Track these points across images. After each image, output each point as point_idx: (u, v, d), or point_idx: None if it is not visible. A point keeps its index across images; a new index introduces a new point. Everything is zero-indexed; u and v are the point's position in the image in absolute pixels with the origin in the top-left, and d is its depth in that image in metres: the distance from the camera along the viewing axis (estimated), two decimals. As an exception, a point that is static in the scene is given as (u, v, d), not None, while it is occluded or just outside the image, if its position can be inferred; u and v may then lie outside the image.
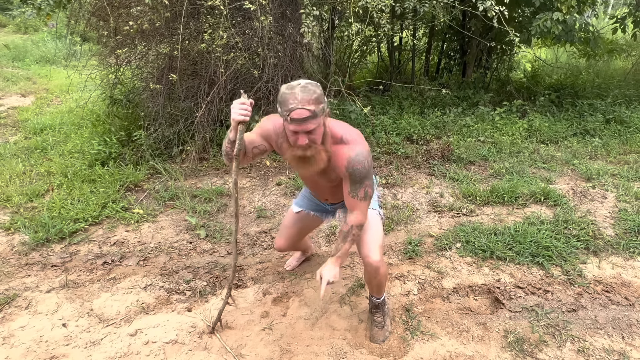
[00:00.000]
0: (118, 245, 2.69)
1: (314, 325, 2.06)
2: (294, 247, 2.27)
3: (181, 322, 2.05)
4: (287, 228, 2.13)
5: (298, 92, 1.45)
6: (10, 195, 3.10)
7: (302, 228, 2.13)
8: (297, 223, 2.10)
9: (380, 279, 1.87)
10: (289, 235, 2.13)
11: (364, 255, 1.81)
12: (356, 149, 1.62)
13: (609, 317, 2.16)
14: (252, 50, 3.60)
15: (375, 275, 1.84)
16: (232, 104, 1.56)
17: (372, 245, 1.79)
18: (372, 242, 1.80)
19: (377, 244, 1.81)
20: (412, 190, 3.45)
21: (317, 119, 1.49)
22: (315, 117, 1.48)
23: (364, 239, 1.81)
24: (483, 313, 2.18)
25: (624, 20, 5.33)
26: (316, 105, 1.47)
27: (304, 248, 2.46)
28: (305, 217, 2.08)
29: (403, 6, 4.31)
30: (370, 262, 1.79)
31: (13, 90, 6.41)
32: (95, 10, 3.70)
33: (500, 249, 2.64)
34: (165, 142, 3.79)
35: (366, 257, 1.79)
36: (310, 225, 2.15)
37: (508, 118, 4.82)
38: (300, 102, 1.44)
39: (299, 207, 2.08)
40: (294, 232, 2.12)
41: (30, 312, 2.08)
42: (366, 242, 1.80)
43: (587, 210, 3.15)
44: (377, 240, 1.81)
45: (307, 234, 2.23)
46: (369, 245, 1.79)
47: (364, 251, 1.80)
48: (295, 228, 2.11)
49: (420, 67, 6.42)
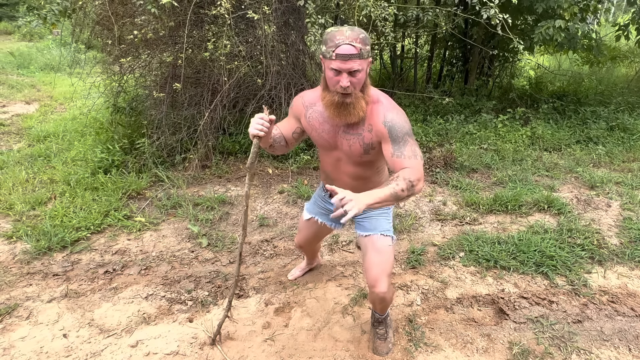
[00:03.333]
0: (120, 254, 2.68)
1: (317, 337, 2.04)
2: (312, 247, 2.26)
3: (182, 333, 2.03)
4: (302, 230, 2.11)
5: (346, 30, 1.40)
6: (13, 203, 3.10)
7: (315, 232, 2.08)
8: (310, 228, 2.06)
9: (386, 304, 1.83)
10: (306, 237, 2.12)
11: (370, 283, 1.73)
12: (393, 109, 1.53)
13: (615, 328, 2.13)
14: (255, 58, 3.61)
15: (380, 302, 1.80)
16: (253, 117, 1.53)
17: (381, 274, 1.70)
18: (381, 270, 1.71)
19: (386, 273, 1.72)
20: (415, 199, 3.44)
21: (363, 60, 1.41)
22: (361, 57, 1.40)
23: (372, 264, 1.73)
24: (487, 324, 2.15)
25: (627, 27, 5.33)
26: (363, 45, 1.40)
27: (314, 255, 2.43)
28: (314, 224, 2.03)
29: (406, 14, 4.33)
30: (376, 292, 1.72)
31: (17, 97, 6.46)
32: (100, 19, 3.73)
33: (504, 258, 2.62)
34: (168, 150, 3.80)
35: (372, 287, 1.72)
36: (322, 232, 2.10)
37: (511, 125, 4.81)
38: (347, 39, 1.38)
39: (309, 213, 2.02)
40: (309, 234, 2.09)
41: (31, 323, 2.07)
42: (374, 269, 1.71)
43: (592, 219, 3.13)
44: (386, 269, 1.72)
45: (323, 237, 2.19)
46: (377, 274, 1.70)
47: (370, 279, 1.72)
48: (309, 231, 2.08)
49: (422, 75, 6.43)
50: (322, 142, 1.67)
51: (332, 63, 1.41)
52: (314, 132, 1.67)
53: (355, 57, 1.39)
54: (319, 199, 2.00)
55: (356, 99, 1.47)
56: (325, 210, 1.97)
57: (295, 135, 1.73)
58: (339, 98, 1.47)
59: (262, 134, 1.50)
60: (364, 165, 1.68)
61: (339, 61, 1.40)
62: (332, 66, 1.42)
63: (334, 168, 1.74)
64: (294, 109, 1.71)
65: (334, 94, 1.48)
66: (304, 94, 1.71)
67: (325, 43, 1.43)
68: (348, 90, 1.44)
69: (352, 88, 1.44)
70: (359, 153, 1.61)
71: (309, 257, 2.43)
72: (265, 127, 1.50)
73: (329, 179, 1.81)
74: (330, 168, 1.76)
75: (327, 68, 1.45)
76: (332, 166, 1.74)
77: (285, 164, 3.91)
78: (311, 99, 1.66)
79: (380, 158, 1.65)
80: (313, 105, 1.64)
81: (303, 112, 1.67)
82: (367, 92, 1.51)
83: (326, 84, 1.51)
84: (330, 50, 1.40)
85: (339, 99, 1.47)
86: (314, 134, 1.67)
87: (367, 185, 1.68)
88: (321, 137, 1.66)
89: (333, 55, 1.40)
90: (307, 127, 1.69)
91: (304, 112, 1.67)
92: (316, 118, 1.63)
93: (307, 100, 1.67)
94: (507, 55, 5.87)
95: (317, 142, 1.70)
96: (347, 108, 1.48)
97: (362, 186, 1.66)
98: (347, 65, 1.40)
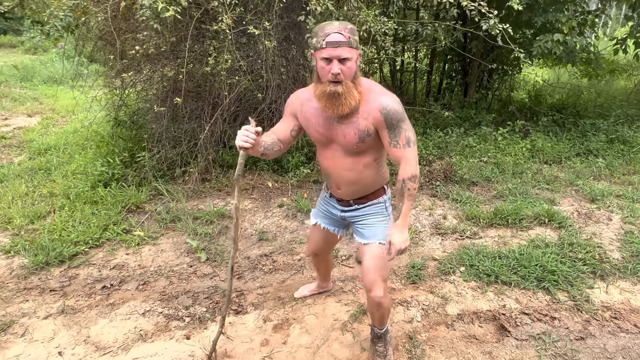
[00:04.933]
0: (118, 268, 2.66)
1: (315, 354, 2.01)
2: (324, 256, 2.20)
3: (179, 351, 2.00)
4: (311, 236, 2.09)
5: (334, 22, 1.50)
6: (12, 217, 3.10)
7: (322, 239, 2.04)
8: (316, 234, 2.04)
9: (383, 312, 1.82)
10: (314, 244, 2.08)
11: (366, 287, 1.76)
12: (386, 94, 1.60)
13: (619, 345, 2.10)
14: (256, 72, 3.64)
15: (377, 309, 1.80)
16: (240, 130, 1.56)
17: (376, 279, 1.72)
18: (377, 275, 1.73)
19: (382, 277, 1.74)
20: (415, 212, 3.43)
21: (352, 49, 1.48)
22: (350, 45, 1.47)
23: (369, 269, 1.74)
24: (488, 341, 2.12)
25: (625, 41, 5.38)
26: (352, 35, 1.48)
27: (327, 274, 2.37)
28: (319, 230, 2.00)
29: (406, 29, 4.37)
30: (371, 297, 1.75)
31: (20, 110, 6.50)
32: (103, 35, 3.78)
33: (505, 273, 2.59)
34: (168, 163, 3.80)
35: (368, 291, 1.75)
36: (328, 238, 2.05)
37: (511, 138, 4.81)
38: (336, 28, 1.46)
39: (314, 218, 2.02)
40: (316, 241, 2.06)
41: (26, 340, 2.05)
42: (370, 274, 1.73)
43: (593, 233, 3.11)
44: (383, 274, 1.74)
45: (332, 244, 2.12)
46: (372, 279, 1.73)
47: (367, 283, 1.75)
48: (316, 238, 2.05)
49: (422, 88, 6.46)
50: (318, 137, 1.70)
51: (322, 52, 1.47)
52: (310, 127, 1.70)
53: (344, 45, 1.46)
54: (321, 201, 1.98)
55: (347, 88, 1.51)
56: (327, 212, 1.94)
57: (293, 133, 1.76)
58: (331, 87, 1.50)
59: (247, 146, 1.54)
60: (361, 155, 1.68)
61: (329, 49, 1.46)
62: (323, 55, 1.47)
63: (331, 164, 1.75)
64: (291, 106, 1.75)
65: (326, 84, 1.52)
66: (298, 92, 1.76)
67: (315, 35, 1.50)
68: (339, 78, 1.48)
69: (342, 76, 1.49)
70: (354, 142, 1.62)
71: (320, 274, 2.37)
72: (251, 138, 1.53)
73: (328, 176, 1.81)
74: (328, 164, 1.76)
75: (318, 60, 1.50)
76: (330, 162, 1.75)
77: (285, 177, 3.91)
78: (306, 96, 1.70)
79: (376, 147, 1.67)
80: (308, 101, 1.68)
81: (299, 108, 1.71)
82: (358, 82, 1.56)
83: (318, 78, 1.55)
84: (320, 40, 1.47)
85: (330, 88, 1.51)
86: (310, 128, 1.70)
87: (366, 180, 1.73)
88: (317, 131, 1.69)
89: (323, 44, 1.46)
90: (303, 123, 1.72)
91: (299, 108, 1.71)
92: (311, 112, 1.67)
93: (302, 96, 1.71)
94: (506, 69, 5.91)
95: (314, 137, 1.73)
96: (339, 98, 1.52)
97: (359, 179, 1.71)
98: (336, 52, 1.46)
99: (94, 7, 3.19)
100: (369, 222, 1.79)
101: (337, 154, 1.70)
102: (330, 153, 1.72)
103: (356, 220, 1.83)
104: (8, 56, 11.74)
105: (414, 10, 5.24)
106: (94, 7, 3.20)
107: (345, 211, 1.85)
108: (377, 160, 1.73)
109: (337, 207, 1.87)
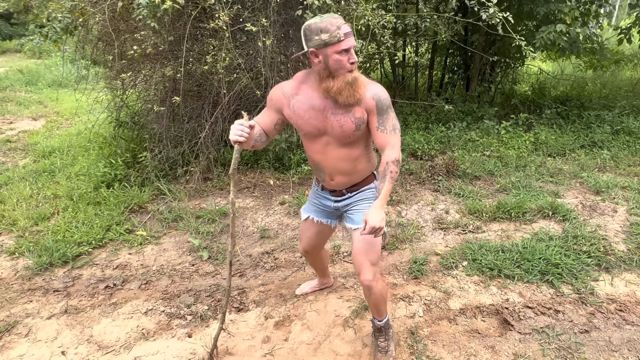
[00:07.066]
0: (121, 268, 2.68)
1: (317, 351, 2.01)
2: (317, 252, 2.18)
3: (181, 349, 2.01)
4: (302, 233, 2.09)
5: (329, 17, 1.52)
6: (17, 219, 3.13)
7: (315, 233, 2.04)
8: (309, 229, 2.03)
9: (376, 298, 1.81)
10: (307, 240, 2.07)
11: (356, 270, 1.78)
12: (374, 83, 1.67)
13: (624, 338, 2.08)
14: (255, 70, 3.64)
15: (368, 294, 1.81)
16: (233, 124, 1.56)
17: (364, 262, 1.74)
18: (366, 258, 1.74)
19: (371, 261, 1.75)
20: (417, 207, 3.41)
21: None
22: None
23: (358, 252, 1.75)
24: (491, 335, 2.10)
25: (629, 30, 5.29)
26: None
27: (324, 269, 2.36)
28: (312, 223, 2.00)
29: (404, 22, 4.34)
30: (361, 280, 1.76)
31: (25, 114, 6.56)
32: (102, 36, 3.79)
33: (508, 267, 2.57)
34: (169, 163, 3.82)
35: (358, 275, 1.77)
36: (322, 231, 2.05)
37: (514, 131, 4.77)
38: (339, 20, 1.51)
39: (306, 213, 2.02)
40: (310, 236, 2.05)
41: (30, 340, 2.07)
42: (359, 257, 1.75)
43: (598, 225, 3.07)
44: (371, 257, 1.75)
45: (325, 238, 2.12)
46: (360, 262, 1.75)
47: (356, 265, 1.77)
48: (309, 233, 2.05)
49: (423, 83, 6.42)
50: (310, 129, 1.68)
51: (341, 45, 1.50)
52: (300, 120, 1.67)
53: (351, 34, 1.54)
54: (313, 196, 1.98)
55: (359, 73, 1.60)
56: (320, 205, 1.94)
57: (277, 126, 1.77)
58: (351, 75, 1.55)
59: (242, 140, 1.54)
60: (353, 145, 1.70)
61: (348, 39, 1.51)
62: (343, 47, 1.51)
63: (322, 155, 1.74)
64: (274, 101, 1.72)
65: (345, 74, 1.55)
66: (282, 85, 1.72)
67: (321, 32, 1.50)
68: (355, 65, 1.56)
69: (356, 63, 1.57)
70: (351, 130, 1.65)
71: (318, 271, 2.37)
72: (246, 132, 1.54)
73: (320, 169, 1.80)
74: (319, 156, 1.76)
75: (332, 54, 1.51)
76: (321, 153, 1.74)
77: (286, 175, 3.91)
78: (291, 89, 1.68)
79: (366, 136, 1.72)
80: (295, 95, 1.67)
81: (285, 102, 1.69)
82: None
83: (329, 73, 1.56)
84: (336, 34, 1.49)
85: (352, 76, 1.55)
86: (300, 122, 1.68)
87: (358, 167, 1.76)
88: (308, 124, 1.67)
89: (342, 36, 1.50)
90: (291, 117, 1.70)
91: (286, 102, 1.69)
92: (300, 107, 1.65)
93: (288, 90, 1.69)
94: (508, 62, 5.86)
95: (304, 130, 1.70)
96: (356, 83, 1.57)
97: (352, 168, 1.74)
98: (352, 42, 1.53)
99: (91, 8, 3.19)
100: (360, 208, 1.81)
101: (330, 146, 1.70)
102: (321, 145, 1.72)
103: (348, 207, 1.85)
104: (14, 61, 11.86)
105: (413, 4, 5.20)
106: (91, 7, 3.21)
107: (338, 201, 1.87)
108: (367, 148, 1.76)
109: (331, 198, 1.88)
